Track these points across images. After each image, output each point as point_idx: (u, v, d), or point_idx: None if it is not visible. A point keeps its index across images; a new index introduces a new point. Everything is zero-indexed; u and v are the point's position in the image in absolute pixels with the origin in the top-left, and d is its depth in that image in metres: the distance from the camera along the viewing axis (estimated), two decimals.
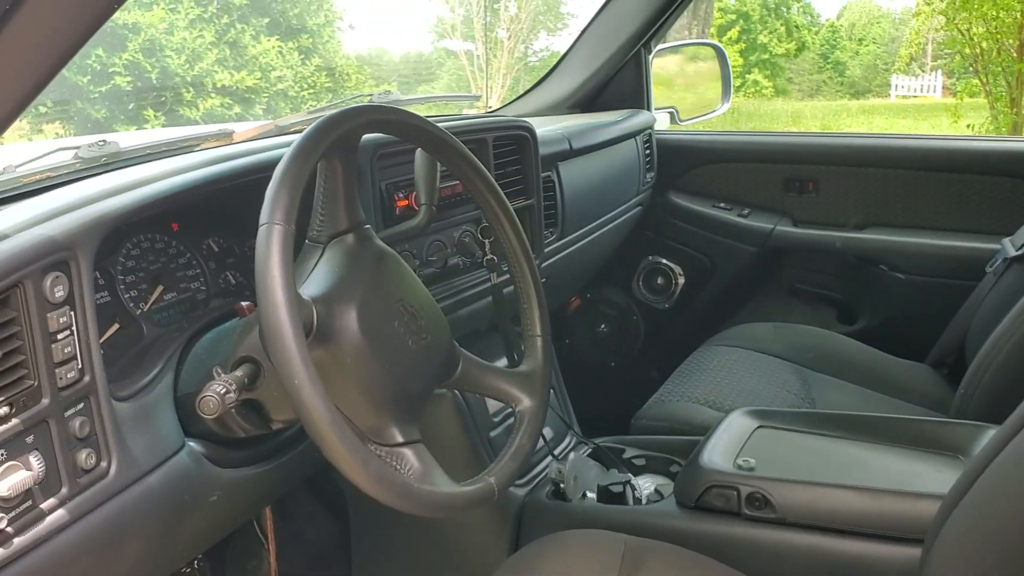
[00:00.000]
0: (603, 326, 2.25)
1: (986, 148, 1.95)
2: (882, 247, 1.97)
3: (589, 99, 2.13)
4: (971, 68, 6.04)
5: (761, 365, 1.69)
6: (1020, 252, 1.62)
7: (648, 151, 2.11)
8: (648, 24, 2.02)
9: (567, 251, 1.73)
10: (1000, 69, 5.41)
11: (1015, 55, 5.34)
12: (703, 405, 1.54)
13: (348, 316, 0.83)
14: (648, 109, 2.15)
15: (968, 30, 5.52)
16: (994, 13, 5.17)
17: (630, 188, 2.04)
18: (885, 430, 1.25)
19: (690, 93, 2.30)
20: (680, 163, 2.19)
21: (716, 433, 1.27)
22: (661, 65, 2.20)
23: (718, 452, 1.22)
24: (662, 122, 2.19)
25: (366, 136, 0.98)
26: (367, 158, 1.15)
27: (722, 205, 2.14)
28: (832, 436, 1.26)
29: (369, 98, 1.38)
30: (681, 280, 2.17)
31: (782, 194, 2.09)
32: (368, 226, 0.93)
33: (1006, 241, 1.68)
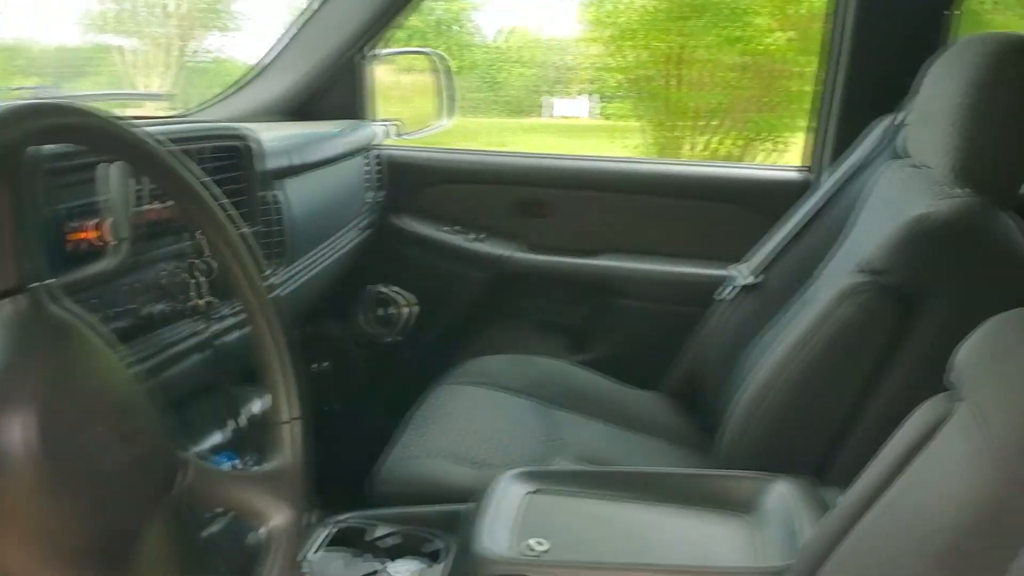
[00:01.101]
0: (321, 364, 2.00)
1: (712, 174, 1.99)
2: (613, 274, 1.93)
3: (302, 106, 1.87)
4: (623, 93, 6.47)
5: (504, 405, 1.56)
6: (754, 280, 1.63)
7: (374, 168, 1.90)
8: (367, 26, 1.82)
9: (292, 286, 1.47)
10: (660, 96, 5.84)
11: (665, 83, 5.80)
12: (452, 461, 1.37)
13: (18, 428, 0.54)
14: (368, 120, 1.94)
15: (625, 58, 5.91)
16: (650, 43, 5.57)
17: (356, 210, 1.81)
18: (668, 488, 1.16)
19: (413, 105, 2.12)
20: (410, 182, 2.01)
21: (485, 504, 1.09)
22: (384, 73, 2.00)
23: (497, 531, 1.04)
24: (384, 135, 1.99)
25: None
26: (33, 177, 0.82)
27: (454, 229, 1.99)
28: (615, 498, 1.15)
29: (30, 92, 1.02)
30: (411, 311, 1.98)
31: (514, 218, 1.99)
32: (49, 282, 0.62)
33: (738, 268, 1.69)
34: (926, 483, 0.75)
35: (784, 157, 5.13)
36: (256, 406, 1.20)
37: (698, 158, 5.72)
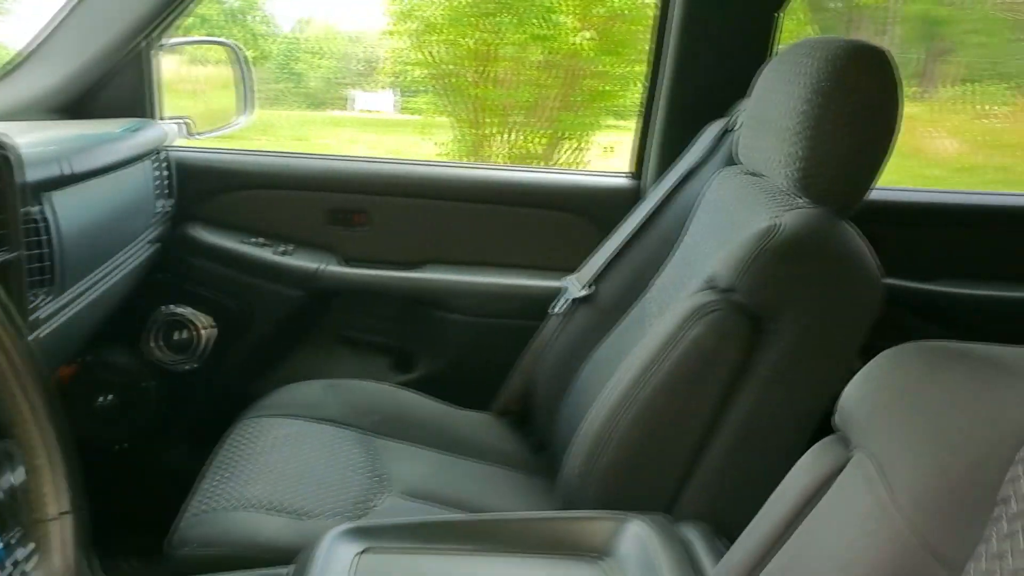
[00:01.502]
0: (107, 397, 1.73)
1: (542, 180, 1.89)
2: (438, 287, 1.80)
3: (76, 102, 1.60)
4: (429, 88, 6.41)
5: (320, 438, 1.40)
6: (586, 292, 1.56)
7: (163, 173, 1.66)
8: (155, 12, 1.58)
9: (66, 314, 1.23)
10: (466, 92, 5.80)
11: (472, 80, 5.76)
12: (265, 511, 1.19)
13: None
14: (155, 118, 1.70)
15: (431, 53, 5.83)
16: (454, 39, 5.52)
17: (145, 222, 1.58)
18: (513, 535, 1.05)
19: (206, 100, 1.89)
20: (204, 189, 1.78)
21: (309, 570, 0.94)
22: (171, 65, 1.75)
23: None
24: (175, 135, 1.75)
25: None
26: None
27: (258, 240, 1.78)
28: (456, 552, 1.02)
29: None
30: (208, 333, 1.76)
31: (328, 227, 1.81)
32: None
33: (570, 279, 1.61)
34: (825, 541, 0.67)
35: (587, 155, 5.19)
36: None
37: (508, 156, 5.71)
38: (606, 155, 4.76)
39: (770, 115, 1.24)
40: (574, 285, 1.59)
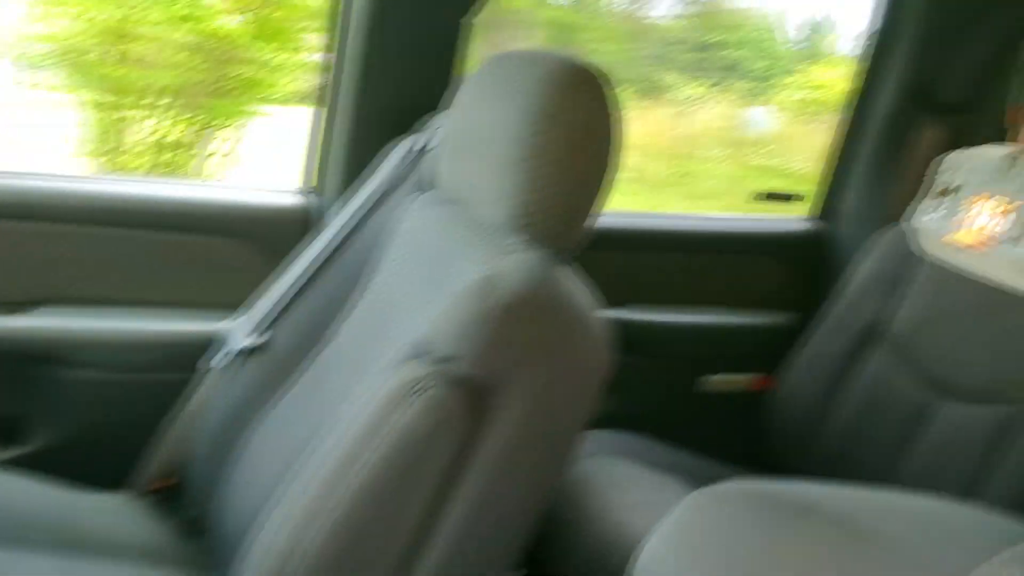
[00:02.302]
0: None
1: (190, 198, 1.54)
2: (55, 336, 1.40)
3: None
4: (53, 63, 5.55)
5: None
6: (256, 341, 1.27)
7: None
8: None
9: None
10: (98, 72, 5.08)
11: (109, 58, 5.08)
12: None
13: None
14: None
15: (57, 25, 5.03)
16: (86, 13, 4.80)
17: None
18: None
19: None
20: None
21: None
22: None
23: None
24: None
25: None
26: None
27: None
28: None
29: None
30: None
31: None
32: None
33: (232, 324, 1.31)
34: None
35: (241, 147, 4.76)
36: None
37: (146, 147, 5.06)
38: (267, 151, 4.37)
39: (477, 137, 1.05)
40: (238, 331, 1.29)
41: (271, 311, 1.28)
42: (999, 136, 1.61)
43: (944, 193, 1.16)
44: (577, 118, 0.97)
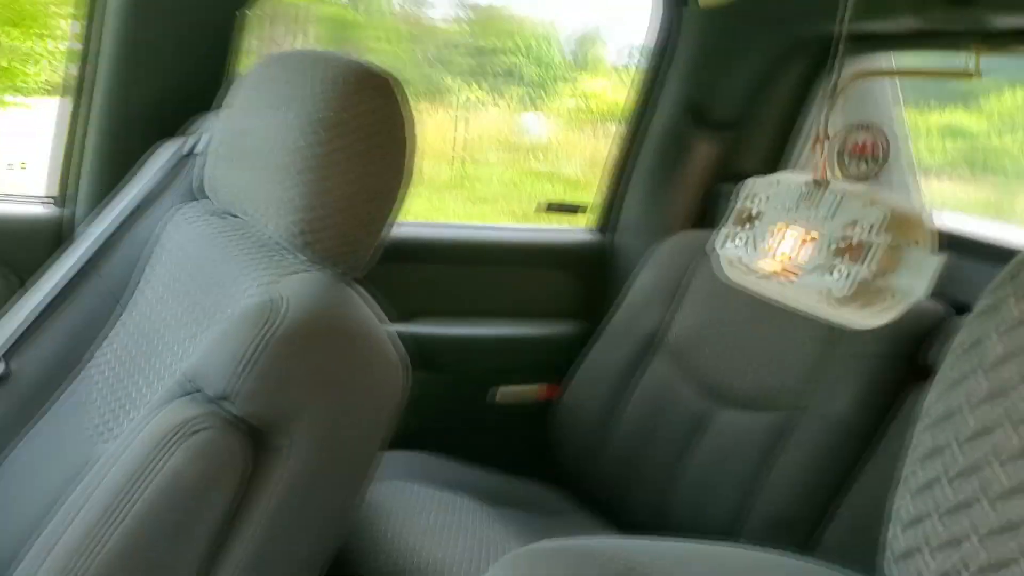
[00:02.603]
0: None
1: None
2: None
3: None
4: None
5: None
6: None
7: None
8: None
9: None
10: None
11: None
12: None
13: None
14: None
15: None
16: None
17: None
18: None
19: None
20: None
21: None
22: None
23: None
24: None
25: None
26: None
27: None
28: None
29: None
30: None
31: None
32: None
33: None
34: None
35: None
36: None
37: None
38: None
39: (253, 144, 0.96)
40: None
41: (12, 338, 1.11)
42: (771, 153, 1.72)
43: (747, 220, 1.19)
44: (365, 125, 0.90)
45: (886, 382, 1.27)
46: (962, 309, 1.20)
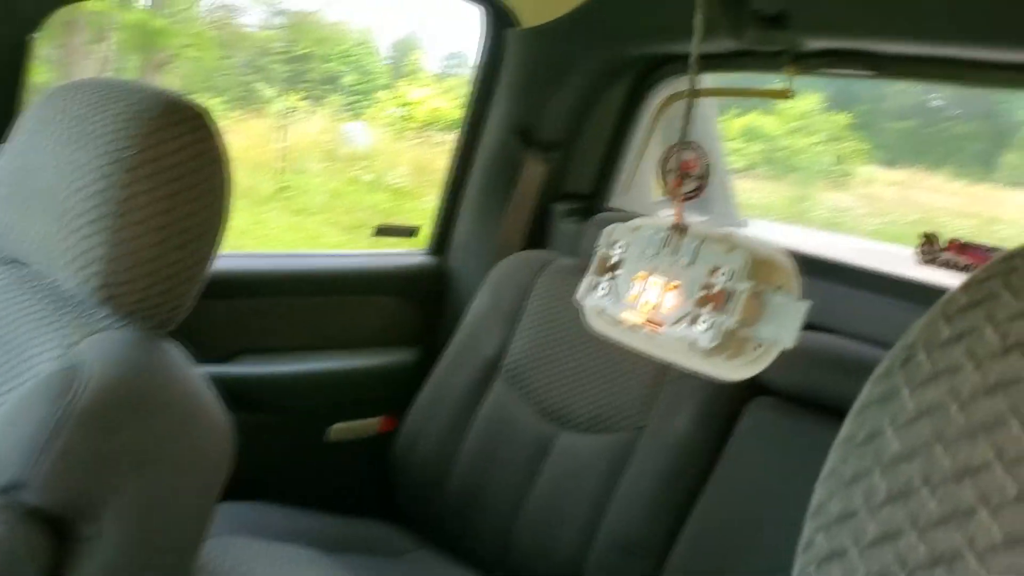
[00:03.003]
0: None
1: None
2: None
3: None
4: None
5: None
6: None
7: None
8: None
9: None
10: None
11: None
12: None
13: None
14: None
15: None
16: None
17: None
18: None
19: None
20: None
21: None
22: None
23: None
24: None
25: None
26: None
27: None
28: None
29: None
30: None
31: None
32: None
33: None
34: None
35: None
36: None
37: None
38: None
39: (42, 185, 0.85)
40: None
41: None
42: (600, 171, 1.72)
43: (609, 268, 1.16)
44: (173, 164, 0.81)
45: (722, 399, 1.30)
46: None
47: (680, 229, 1.11)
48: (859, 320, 1.31)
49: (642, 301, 1.11)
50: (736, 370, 1.04)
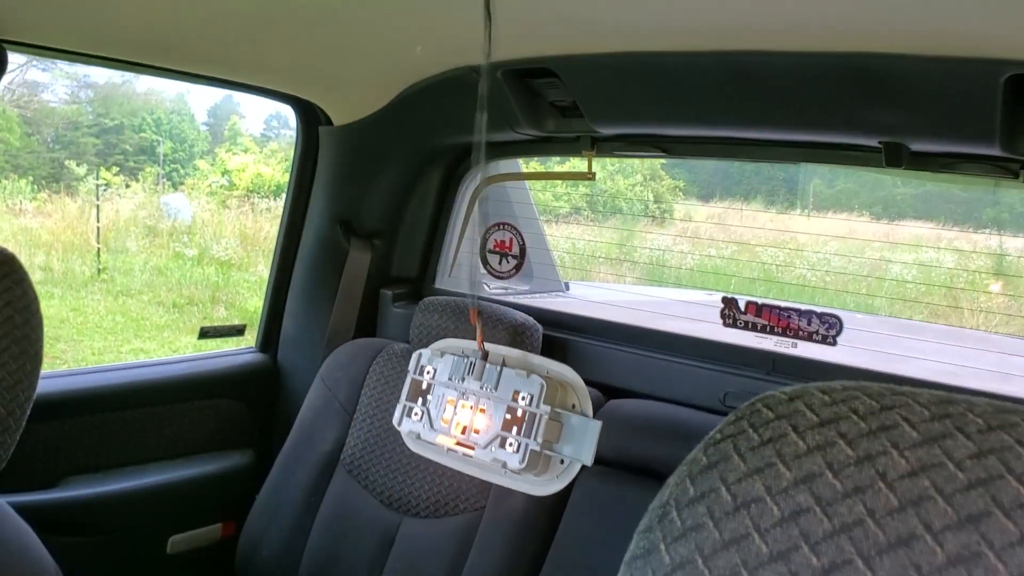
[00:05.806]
0: None
1: None
2: None
3: None
4: None
5: None
6: None
7: None
8: None
9: None
10: None
11: None
12: None
13: None
14: None
15: None
16: None
17: None
18: None
19: None
20: None
21: None
22: None
23: None
24: None
25: None
26: None
27: None
28: None
29: None
30: None
31: None
32: None
33: None
34: None
35: None
36: None
37: None
38: None
39: None
40: None
41: None
42: (423, 255, 1.76)
43: (421, 393, 1.21)
44: None
45: None
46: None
47: (481, 353, 1.20)
48: (671, 384, 1.41)
49: (454, 423, 1.18)
50: (546, 485, 1.14)
